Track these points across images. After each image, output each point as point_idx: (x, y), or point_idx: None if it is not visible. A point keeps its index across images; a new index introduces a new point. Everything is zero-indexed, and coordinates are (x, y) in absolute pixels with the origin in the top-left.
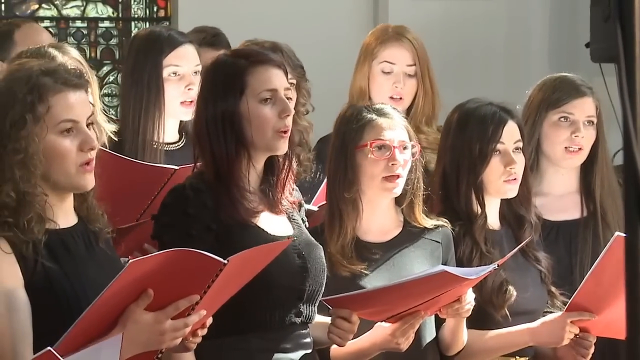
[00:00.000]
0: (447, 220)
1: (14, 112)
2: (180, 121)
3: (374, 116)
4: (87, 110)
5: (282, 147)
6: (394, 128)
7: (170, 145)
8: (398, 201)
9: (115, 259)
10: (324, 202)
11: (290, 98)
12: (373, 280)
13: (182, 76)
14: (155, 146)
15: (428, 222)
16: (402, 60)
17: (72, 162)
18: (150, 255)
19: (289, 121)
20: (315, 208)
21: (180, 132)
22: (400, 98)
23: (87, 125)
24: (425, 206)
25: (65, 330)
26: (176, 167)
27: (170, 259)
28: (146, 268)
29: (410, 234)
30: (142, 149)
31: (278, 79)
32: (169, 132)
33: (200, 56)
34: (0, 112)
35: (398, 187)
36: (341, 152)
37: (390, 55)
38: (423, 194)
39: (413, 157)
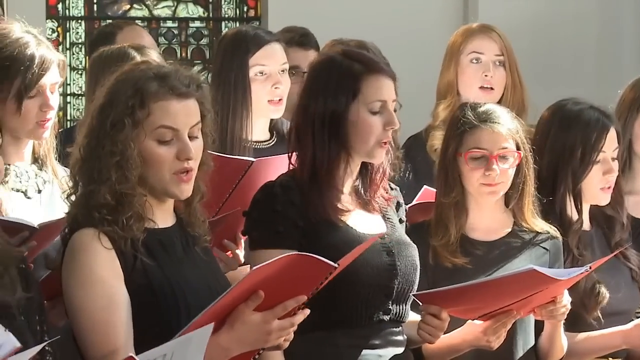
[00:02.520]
0: (556, 229)
1: (115, 113)
2: (271, 120)
3: (475, 122)
4: (191, 119)
5: (380, 157)
6: (495, 137)
7: (261, 144)
8: (506, 202)
9: (212, 263)
10: (414, 202)
11: (396, 110)
12: (474, 276)
13: (269, 75)
14: (244, 144)
15: (538, 226)
16: (490, 50)
17: (167, 170)
18: (271, 261)
19: (392, 134)
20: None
21: (271, 130)
22: (491, 88)
23: (192, 135)
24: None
25: (161, 326)
26: (253, 159)
27: (288, 264)
28: (266, 274)
29: (517, 237)
30: (230, 146)
31: (388, 90)
32: (259, 131)
33: (288, 56)
34: (105, 110)
35: (498, 193)
36: (444, 157)
37: (478, 46)
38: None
39: (518, 162)
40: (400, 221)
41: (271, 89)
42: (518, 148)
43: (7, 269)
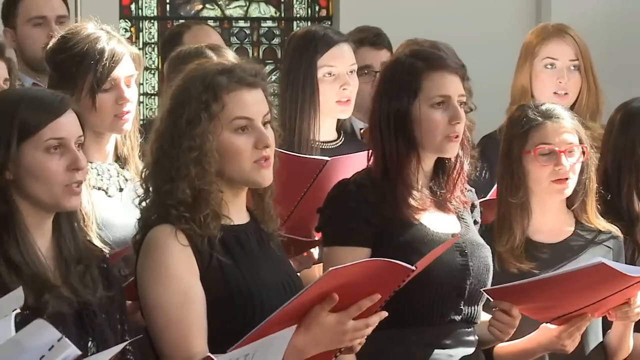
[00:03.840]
0: (618, 228)
1: (189, 110)
2: (338, 120)
3: (539, 119)
4: (262, 108)
5: (452, 151)
6: (561, 131)
7: (329, 144)
8: (569, 202)
9: (285, 260)
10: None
11: (465, 103)
12: None
13: (337, 76)
14: (312, 145)
15: (601, 224)
16: (565, 55)
17: (247, 160)
18: (349, 264)
19: (459, 128)
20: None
21: (338, 130)
22: (565, 93)
23: (264, 124)
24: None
25: (236, 323)
26: (327, 159)
27: (366, 268)
28: (343, 276)
29: (581, 237)
30: (298, 147)
31: (453, 86)
32: (326, 131)
33: (361, 55)
34: (178, 110)
35: (568, 188)
36: (508, 157)
37: (552, 51)
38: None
39: (583, 157)
40: (475, 222)
41: (339, 90)
42: (581, 142)
43: (89, 268)
